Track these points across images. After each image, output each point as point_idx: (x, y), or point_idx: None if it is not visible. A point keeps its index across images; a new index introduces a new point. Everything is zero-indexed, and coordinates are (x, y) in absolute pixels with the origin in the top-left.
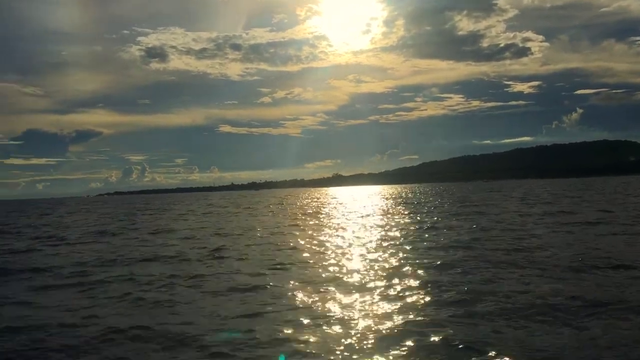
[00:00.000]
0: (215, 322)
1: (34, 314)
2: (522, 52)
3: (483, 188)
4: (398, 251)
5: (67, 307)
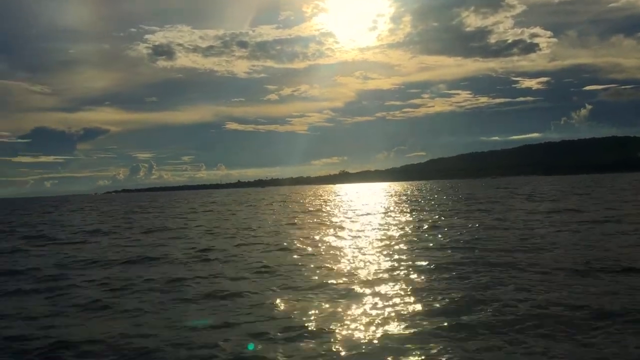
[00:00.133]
0: (179, 335)
1: None
2: (530, 48)
3: (490, 185)
4: (393, 252)
5: (26, 316)
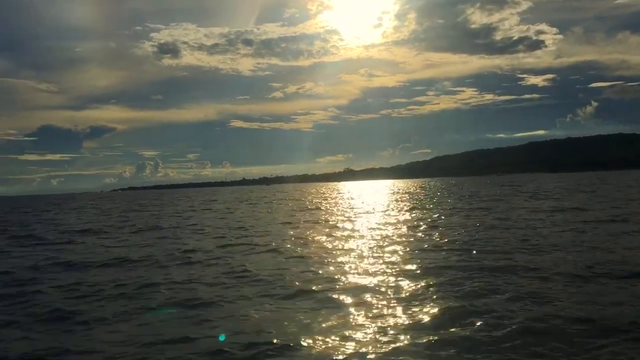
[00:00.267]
0: (127, 352)
1: None
2: (536, 44)
3: (495, 182)
4: (385, 254)
5: None
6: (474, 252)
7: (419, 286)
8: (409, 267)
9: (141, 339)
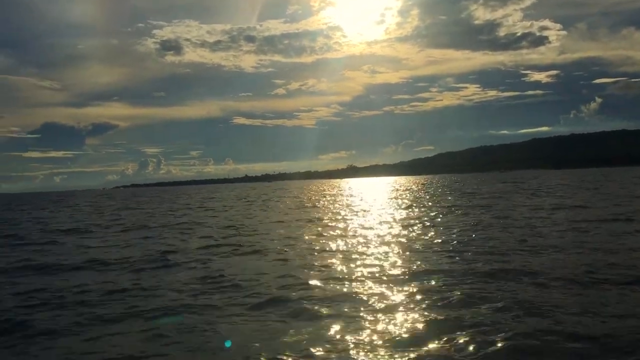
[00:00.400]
0: None
1: None
2: (540, 41)
3: (498, 179)
4: (373, 256)
5: None
6: (469, 253)
7: (402, 294)
8: (394, 271)
9: (83, 358)
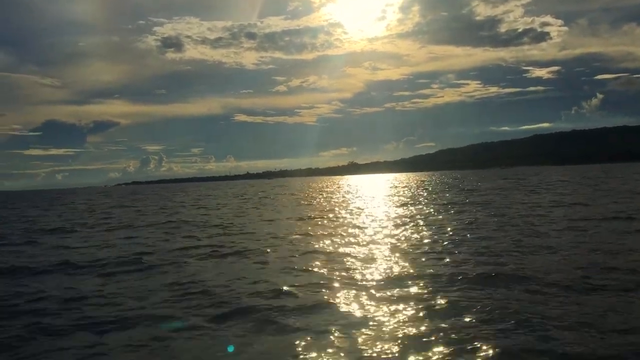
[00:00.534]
0: None
1: None
2: (541, 37)
3: (498, 175)
4: (357, 258)
5: None
6: (459, 255)
7: (380, 302)
8: (376, 276)
9: None
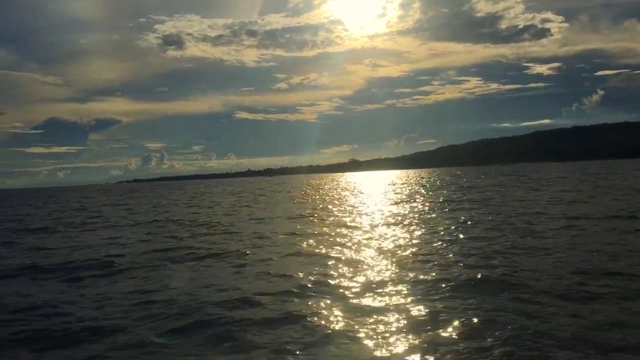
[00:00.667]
0: None
1: None
2: (541, 33)
3: (499, 172)
4: (339, 261)
5: None
6: (449, 257)
7: (349, 316)
8: (355, 282)
9: None
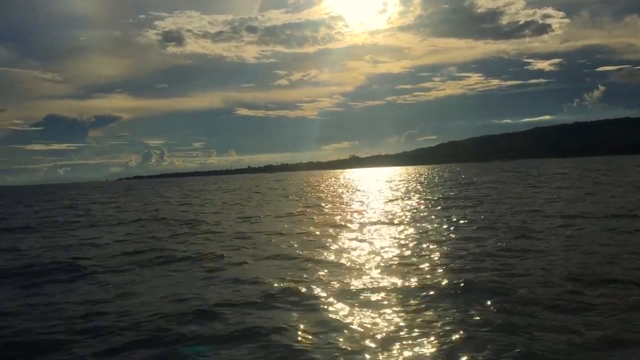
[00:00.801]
0: None
1: None
2: (542, 29)
3: (499, 168)
4: (319, 264)
5: None
6: (435, 259)
7: (316, 330)
8: (328, 290)
9: None
